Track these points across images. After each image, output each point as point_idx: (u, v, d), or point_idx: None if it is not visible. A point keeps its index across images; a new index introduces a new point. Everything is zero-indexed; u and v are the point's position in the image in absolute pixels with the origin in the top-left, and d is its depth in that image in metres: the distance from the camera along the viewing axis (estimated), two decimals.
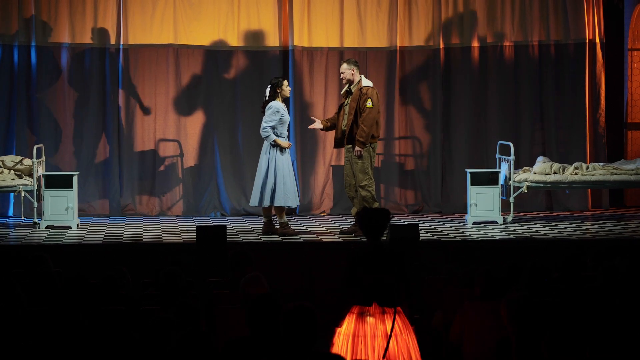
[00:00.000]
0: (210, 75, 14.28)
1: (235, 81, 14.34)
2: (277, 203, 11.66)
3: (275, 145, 11.63)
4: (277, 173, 11.61)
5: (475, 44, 14.64)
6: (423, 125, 14.64)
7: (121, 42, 14.01)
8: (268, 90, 11.74)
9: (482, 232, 12.22)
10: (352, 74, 11.76)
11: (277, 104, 11.63)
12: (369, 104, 11.59)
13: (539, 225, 12.93)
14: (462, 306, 7.08)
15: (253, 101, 14.19)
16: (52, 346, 5.91)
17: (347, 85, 11.85)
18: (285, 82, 11.76)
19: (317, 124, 12.11)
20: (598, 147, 14.82)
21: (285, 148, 11.73)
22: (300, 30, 14.36)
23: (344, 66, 11.81)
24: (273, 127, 11.62)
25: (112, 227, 12.78)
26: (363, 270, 6.73)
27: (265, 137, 11.73)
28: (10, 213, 13.81)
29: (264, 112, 11.76)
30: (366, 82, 11.75)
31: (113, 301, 7.27)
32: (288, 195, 11.64)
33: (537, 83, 14.76)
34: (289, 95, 12.00)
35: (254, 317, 5.42)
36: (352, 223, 12.07)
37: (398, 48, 14.51)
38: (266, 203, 11.66)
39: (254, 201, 11.80)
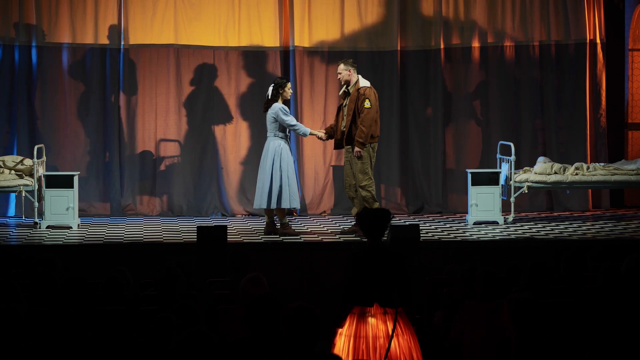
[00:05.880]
0: (210, 75, 14.27)
1: (236, 81, 14.34)
2: (283, 205, 11.63)
3: (280, 145, 11.58)
4: (282, 175, 11.58)
5: (476, 44, 14.64)
6: (424, 125, 14.63)
7: (122, 42, 14.01)
8: (271, 89, 11.72)
9: (482, 232, 12.22)
10: (349, 75, 11.73)
11: (281, 105, 11.61)
12: (367, 104, 11.59)
13: (539, 225, 12.92)
14: (462, 306, 7.08)
15: (254, 101, 14.21)
16: (52, 346, 5.91)
17: (345, 86, 11.84)
18: (289, 85, 11.74)
19: (319, 133, 12.04)
20: (599, 147, 14.82)
21: (322, 139, 11.99)
22: (301, 30, 14.36)
23: (341, 67, 11.78)
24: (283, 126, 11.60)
25: (112, 227, 12.78)
26: (364, 270, 6.73)
27: (302, 134, 11.79)
28: (11, 213, 13.82)
29: (265, 111, 11.73)
30: (364, 82, 11.74)
31: (113, 301, 7.28)
32: (293, 197, 11.63)
33: (537, 83, 14.76)
34: (289, 98, 11.99)
35: (254, 317, 5.42)
36: (352, 223, 12.07)
37: (398, 48, 14.51)
38: (273, 205, 11.61)
39: (259, 203, 11.71)
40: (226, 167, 14.24)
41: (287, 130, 11.71)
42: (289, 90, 11.74)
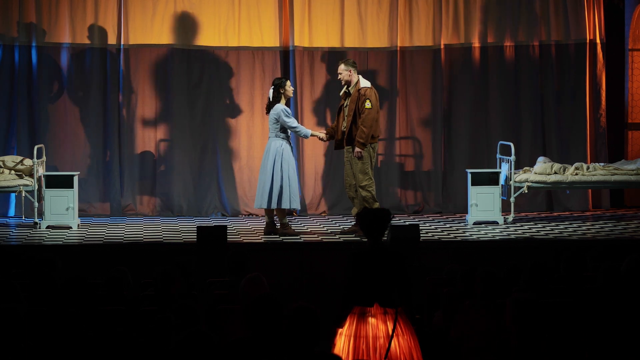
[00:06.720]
0: (210, 75, 14.28)
1: (236, 81, 14.35)
2: (284, 205, 11.62)
3: (282, 145, 11.55)
4: (283, 175, 11.56)
5: (476, 44, 14.64)
6: (423, 125, 14.64)
7: (122, 42, 14.02)
8: (271, 91, 11.69)
9: (482, 232, 12.22)
10: (350, 75, 11.73)
11: (283, 106, 11.60)
12: (367, 104, 11.59)
13: (539, 225, 12.93)
14: (462, 306, 7.08)
15: (254, 101, 14.23)
16: (52, 346, 5.91)
17: (345, 87, 11.84)
18: (288, 83, 11.73)
19: (320, 134, 12.04)
20: (598, 147, 14.82)
21: (323, 139, 11.95)
22: (301, 30, 14.37)
23: (341, 67, 11.79)
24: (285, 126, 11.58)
25: (112, 227, 12.78)
26: (364, 270, 6.73)
27: (303, 135, 11.78)
28: (11, 213, 13.82)
29: (268, 113, 11.72)
30: (364, 83, 11.74)
31: (113, 301, 7.28)
32: (293, 198, 11.62)
33: (537, 83, 14.77)
34: (291, 96, 11.99)
35: (254, 317, 5.42)
36: (352, 223, 12.07)
37: (399, 48, 14.51)
38: (274, 205, 11.61)
39: (260, 203, 11.71)
40: (226, 167, 14.23)
41: (289, 130, 11.70)
42: (289, 89, 11.73)
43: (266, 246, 11.25)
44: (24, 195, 12.72)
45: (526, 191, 13.25)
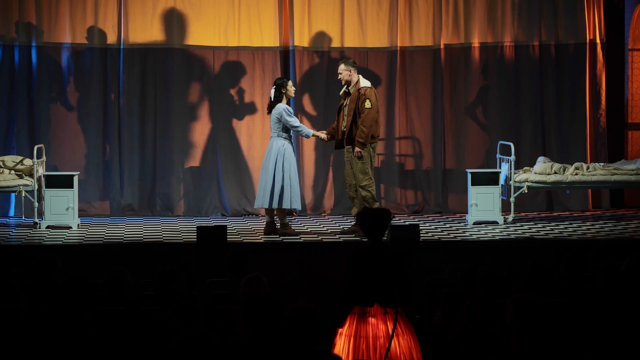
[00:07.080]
0: (210, 75, 14.27)
1: (236, 81, 14.34)
2: (284, 205, 11.61)
3: (284, 145, 11.54)
4: (285, 175, 11.56)
5: (476, 44, 14.64)
6: (423, 125, 14.64)
7: (122, 42, 14.01)
8: (273, 91, 11.69)
9: (482, 232, 12.22)
10: (350, 75, 11.73)
11: (285, 106, 11.60)
12: (367, 104, 11.59)
13: (539, 225, 12.93)
14: (462, 306, 7.08)
15: (254, 101, 14.22)
16: (52, 346, 5.91)
17: (345, 86, 11.84)
18: (290, 82, 11.72)
19: (321, 134, 12.04)
20: (598, 147, 14.82)
21: (324, 140, 11.92)
22: (301, 30, 14.37)
23: (342, 67, 11.79)
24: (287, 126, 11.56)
25: (112, 227, 12.78)
26: (364, 270, 6.73)
27: (305, 135, 11.74)
28: (11, 213, 13.82)
29: (269, 113, 11.70)
30: (364, 83, 11.74)
31: (113, 301, 7.28)
32: (294, 198, 11.61)
33: (537, 83, 14.76)
34: (293, 95, 11.99)
35: (254, 317, 5.42)
36: (352, 223, 12.07)
37: (398, 48, 14.51)
38: (275, 205, 11.60)
39: (261, 203, 11.70)
40: (226, 167, 14.23)
41: (291, 130, 11.69)
42: (291, 88, 11.74)
43: (266, 246, 11.25)
44: (24, 195, 12.72)
45: (526, 191, 13.26)
